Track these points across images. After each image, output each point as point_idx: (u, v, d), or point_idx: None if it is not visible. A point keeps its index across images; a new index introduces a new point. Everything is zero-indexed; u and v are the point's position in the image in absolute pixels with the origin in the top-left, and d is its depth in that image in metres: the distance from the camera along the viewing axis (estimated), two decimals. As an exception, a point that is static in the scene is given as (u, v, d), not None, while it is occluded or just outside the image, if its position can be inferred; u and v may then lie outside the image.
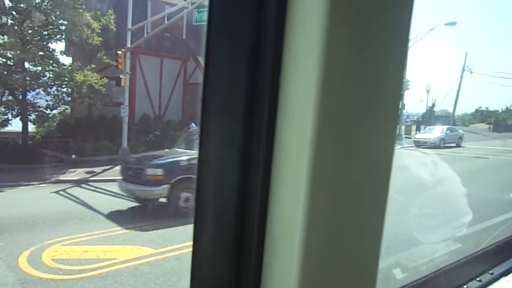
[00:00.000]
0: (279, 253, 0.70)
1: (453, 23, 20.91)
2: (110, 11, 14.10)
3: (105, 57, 13.71)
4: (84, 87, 12.83)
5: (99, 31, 13.48)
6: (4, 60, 12.37)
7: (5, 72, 12.14)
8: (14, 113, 12.74)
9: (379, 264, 0.74)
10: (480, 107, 32.59)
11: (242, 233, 0.72)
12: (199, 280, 0.76)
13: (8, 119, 12.76)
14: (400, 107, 0.74)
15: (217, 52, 0.72)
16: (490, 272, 1.47)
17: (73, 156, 11.79)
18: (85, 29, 13.08)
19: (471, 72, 26.77)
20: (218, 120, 0.73)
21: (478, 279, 1.41)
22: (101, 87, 13.04)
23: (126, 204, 8.23)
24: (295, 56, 0.67)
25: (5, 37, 12.29)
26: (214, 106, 0.72)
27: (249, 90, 0.70)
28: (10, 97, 12.65)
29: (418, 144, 18.77)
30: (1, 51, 12.19)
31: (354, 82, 0.66)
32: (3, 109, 12.66)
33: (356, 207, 0.71)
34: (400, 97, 0.75)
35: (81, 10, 13.00)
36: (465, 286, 1.38)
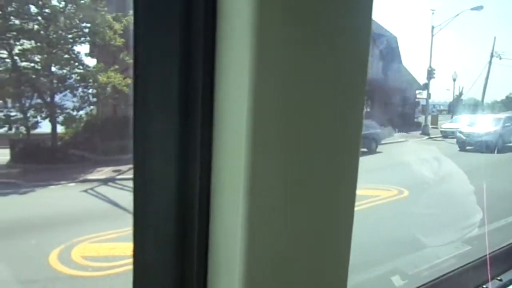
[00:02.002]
0: (223, 261, 0.66)
1: (479, 7, 20.12)
2: (131, 11, 14.26)
3: (127, 57, 13.90)
4: (108, 87, 13.08)
5: (121, 32, 13.68)
6: (32, 64, 12.74)
7: (34, 76, 12.52)
8: (43, 115, 13.13)
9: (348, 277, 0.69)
10: (510, 94, 31.25)
11: (184, 238, 0.70)
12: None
13: (37, 122, 13.16)
14: (364, 107, 0.68)
15: (147, 51, 0.70)
16: (499, 278, 1.37)
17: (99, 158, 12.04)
18: (107, 30, 13.31)
19: (500, 58, 25.62)
20: (152, 122, 0.70)
21: (484, 286, 1.33)
22: (125, 87, 13.26)
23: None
24: (227, 53, 0.65)
25: (32, 41, 12.65)
26: (147, 108, 0.70)
27: (183, 91, 0.68)
28: (39, 100, 13.03)
29: (445, 134, 18.33)
30: (29, 56, 12.56)
31: (292, 80, 0.63)
32: (33, 112, 13.07)
33: (306, 211, 0.66)
34: (363, 95, 0.69)
35: (103, 12, 13.23)
36: None
